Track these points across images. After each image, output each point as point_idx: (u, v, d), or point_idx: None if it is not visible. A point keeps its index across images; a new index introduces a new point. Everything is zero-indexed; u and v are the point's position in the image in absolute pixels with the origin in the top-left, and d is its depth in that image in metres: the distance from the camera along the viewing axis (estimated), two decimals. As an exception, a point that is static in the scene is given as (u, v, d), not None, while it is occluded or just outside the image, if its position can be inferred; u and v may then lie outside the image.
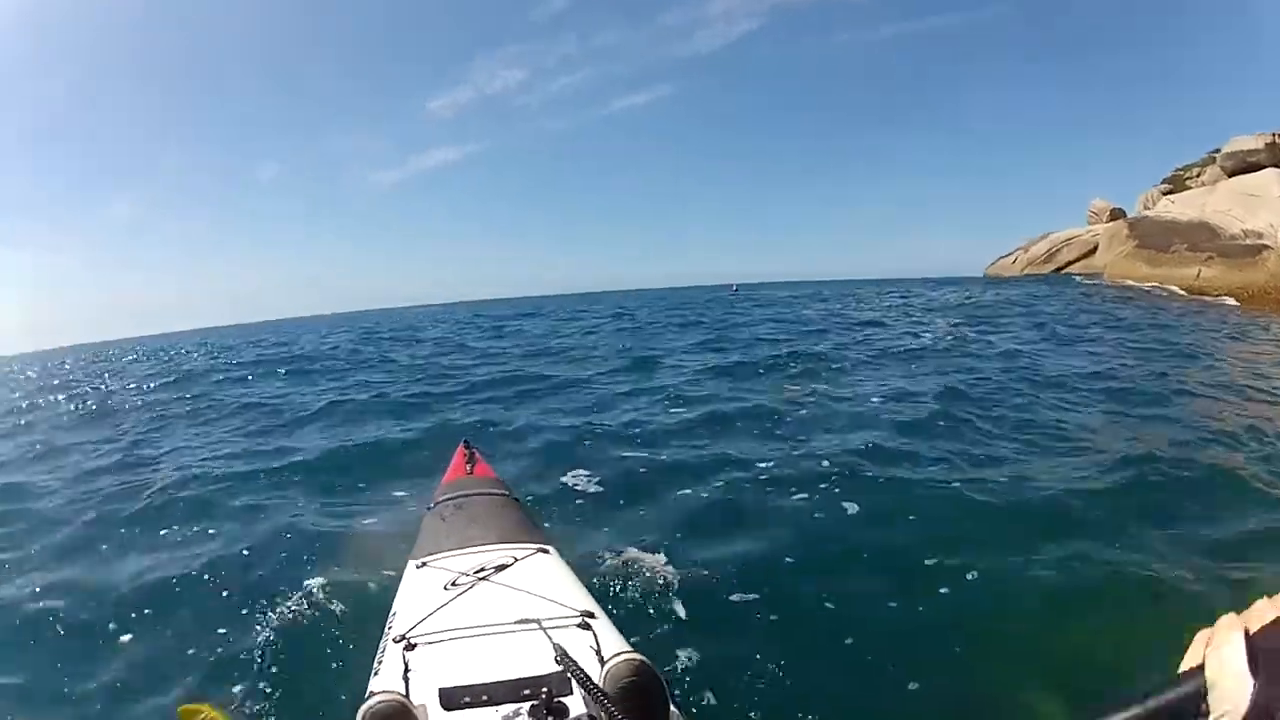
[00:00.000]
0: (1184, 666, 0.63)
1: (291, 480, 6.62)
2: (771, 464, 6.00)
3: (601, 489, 5.65)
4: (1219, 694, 0.57)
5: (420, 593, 2.44)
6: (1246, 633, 0.59)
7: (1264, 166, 28.87)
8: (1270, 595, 0.62)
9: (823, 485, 5.34)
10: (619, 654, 1.65)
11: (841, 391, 9.29)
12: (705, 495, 5.38)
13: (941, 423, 7.24)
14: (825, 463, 5.91)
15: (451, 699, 1.70)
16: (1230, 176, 30.37)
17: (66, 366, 33.71)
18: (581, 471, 5.99)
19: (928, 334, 16.32)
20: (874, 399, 8.68)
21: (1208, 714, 0.57)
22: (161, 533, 5.47)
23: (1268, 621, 0.59)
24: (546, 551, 2.74)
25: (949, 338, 15.27)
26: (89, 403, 14.97)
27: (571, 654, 1.75)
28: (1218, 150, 34.46)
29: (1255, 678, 0.56)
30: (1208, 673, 0.59)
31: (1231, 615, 0.61)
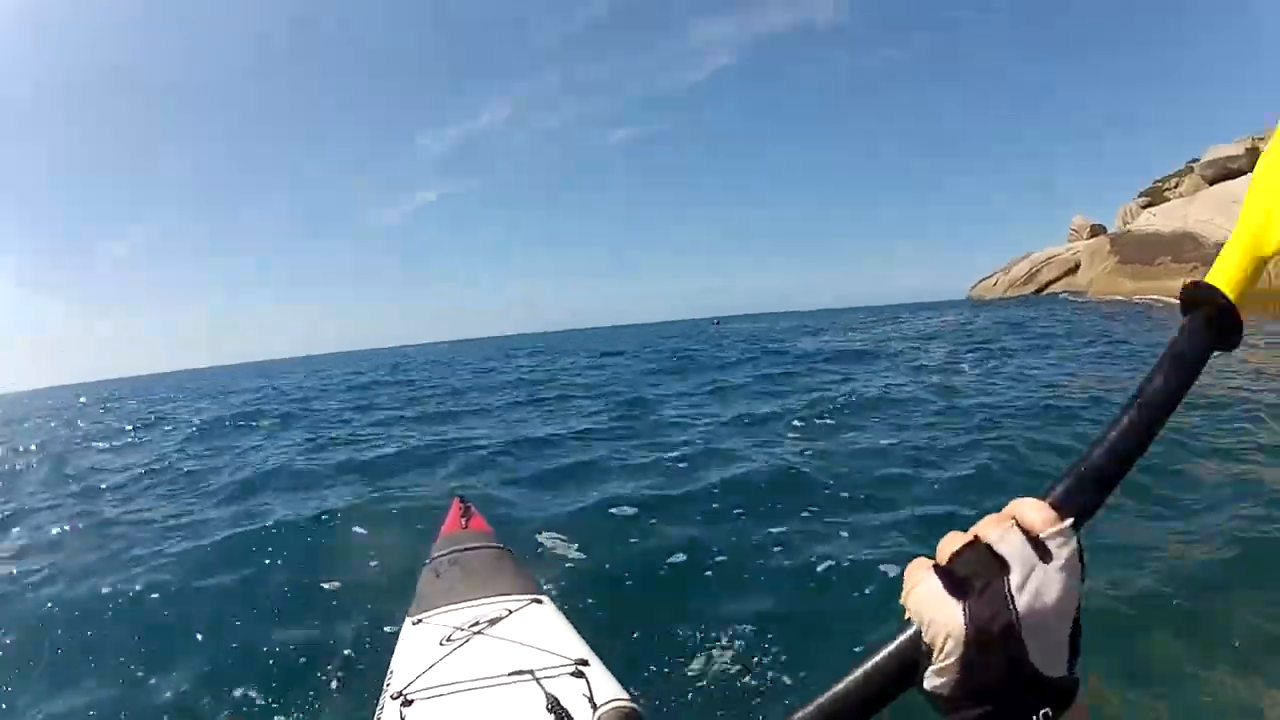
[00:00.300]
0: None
1: (277, 539, 6.13)
2: (793, 523, 5.38)
3: (601, 543, 5.34)
4: (932, 627, 0.53)
5: (417, 649, 2.47)
6: (938, 567, 0.56)
7: (1245, 172, 28.51)
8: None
9: (849, 554, 4.74)
10: (610, 702, 1.71)
11: (866, 439, 8.39)
12: (711, 551, 5.01)
13: (995, 467, 6.46)
14: (846, 531, 5.18)
15: None
16: (1211, 185, 30.43)
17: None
18: (577, 528, 5.65)
19: (934, 364, 15.65)
20: (901, 445, 7.80)
21: (931, 651, 0.53)
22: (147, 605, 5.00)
23: (955, 550, 0.56)
24: (540, 602, 2.77)
25: (957, 368, 14.65)
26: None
27: (564, 703, 1.83)
28: (1195, 160, 34.71)
29: (962, 600, 0.52)
30: (911, 613, 0.56)
31: (920, 558, 0.58)
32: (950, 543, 0.56)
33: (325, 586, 4.96)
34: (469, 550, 3.38)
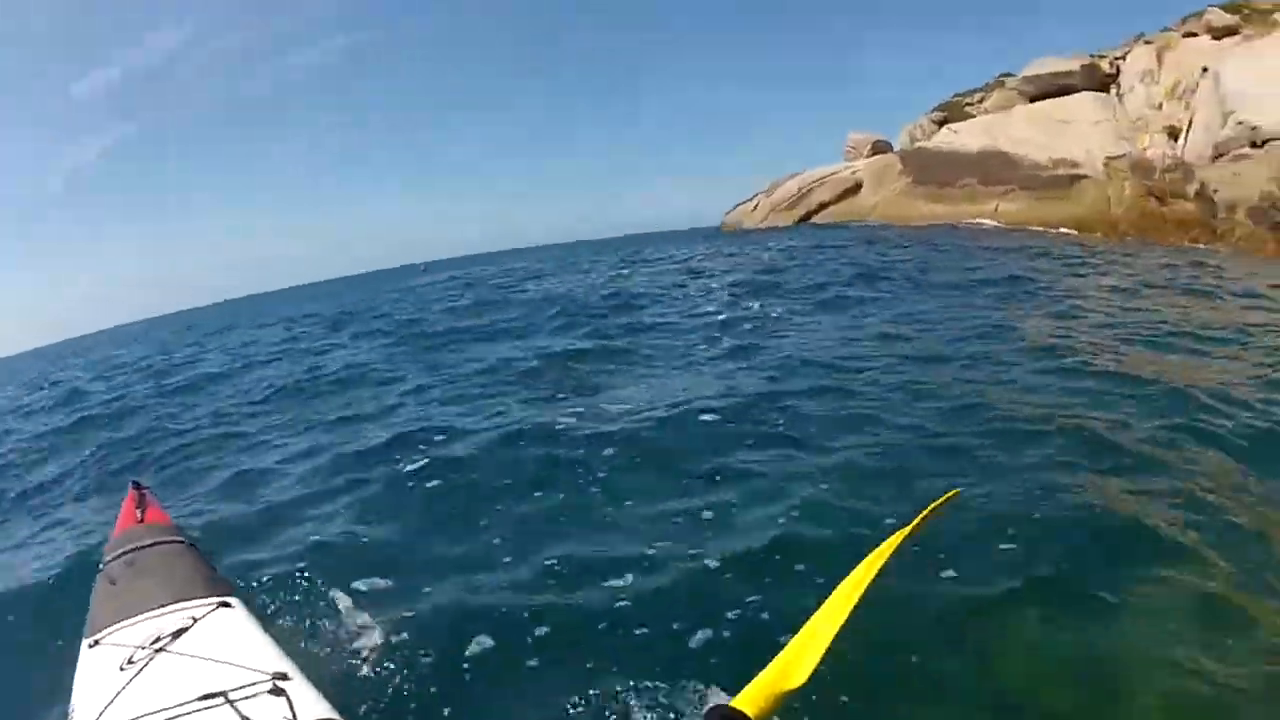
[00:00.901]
0: None
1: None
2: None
3: (299, 524, 4.73)
4: None
5: (96, 679, 2.21)
6: None
7: (1076, 90, 26.20)
8: None
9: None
10: None
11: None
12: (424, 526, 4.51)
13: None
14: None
15: None
16: (1031, 102, 27.51)
17: None
18: (273, 503, 5.22)
19: (736, 323, 10.15)
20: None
21: None
22: None
23: None
24: (229, 605, 2.56)
25: (790, 334, 9.23)
26: None
27: None
28: (1007, 74, 31.81)
29: None
30: None
31: None
32: None
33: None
34: (145, 548, 3.02)
